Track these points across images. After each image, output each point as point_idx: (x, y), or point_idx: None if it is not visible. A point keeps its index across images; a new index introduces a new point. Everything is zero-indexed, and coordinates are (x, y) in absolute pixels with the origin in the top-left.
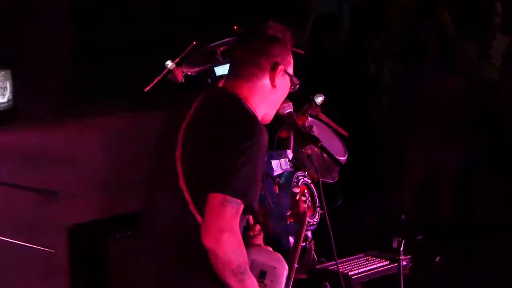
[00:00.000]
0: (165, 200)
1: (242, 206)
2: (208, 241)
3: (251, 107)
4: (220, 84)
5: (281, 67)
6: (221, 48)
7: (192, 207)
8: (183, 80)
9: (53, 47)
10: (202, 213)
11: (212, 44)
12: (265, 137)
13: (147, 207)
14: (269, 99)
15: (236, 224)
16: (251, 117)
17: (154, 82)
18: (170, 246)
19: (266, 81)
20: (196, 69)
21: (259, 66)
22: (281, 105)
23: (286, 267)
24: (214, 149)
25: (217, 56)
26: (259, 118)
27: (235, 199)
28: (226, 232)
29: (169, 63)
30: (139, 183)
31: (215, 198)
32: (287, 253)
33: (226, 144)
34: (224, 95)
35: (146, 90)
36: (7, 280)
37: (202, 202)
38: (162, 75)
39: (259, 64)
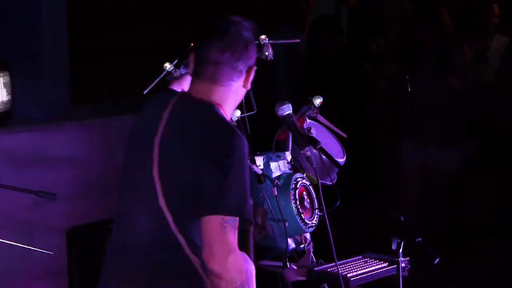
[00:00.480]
0: (141, 216)
1: (238, 221)
2: (215, 266)
3: (224, 113)
4: (185, 87)
5: (255, 68)
6: None
7: (173, 227)
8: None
9: (52, 48)
10: (183, 232)
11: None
12: (246, 145)
13: (119, 221)
14: (238, 100)
15: (236, 241)
16: (230, 129)
17: (153, 84)
18: (147, 262)
19: (239, 83)
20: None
21: (237, 70)
22: (279, 106)
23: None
24: (199, 169)
25: None
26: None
27: (232, 218)
28: (231, 254)
29: (167, 65)
30: None
31: (213, 221)
32: (286, 256)
33: (211, 162)
34: (196, 103)
35: (145, 92)
36: (6, 282)
37: (184, 221)
38: (160, 77)
39: (237, 68)
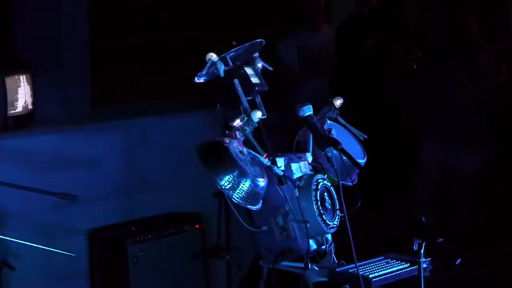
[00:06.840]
0: None
1: None
2: None
3: None
4: None
5: None
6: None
7: None
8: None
9: (73, 49)
10: None
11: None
12: None
13: None
14: None
15: None
16: None
17: (208, 80)
18: None
19: None
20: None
21: None
22: (300, 107)
23: None
24: None
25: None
26: None
27: None
28: None
29: (212, 55)
30: (159, 187)
31: None
32: (307, 257)
33: None
34: None
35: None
36: (28, 284)
37: None
38: (206, 67)
39: None
